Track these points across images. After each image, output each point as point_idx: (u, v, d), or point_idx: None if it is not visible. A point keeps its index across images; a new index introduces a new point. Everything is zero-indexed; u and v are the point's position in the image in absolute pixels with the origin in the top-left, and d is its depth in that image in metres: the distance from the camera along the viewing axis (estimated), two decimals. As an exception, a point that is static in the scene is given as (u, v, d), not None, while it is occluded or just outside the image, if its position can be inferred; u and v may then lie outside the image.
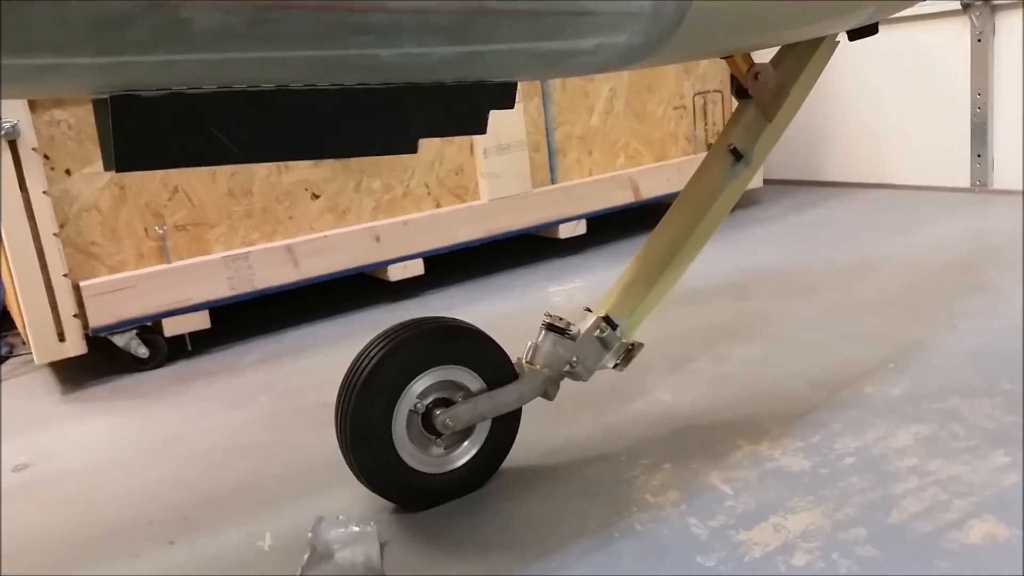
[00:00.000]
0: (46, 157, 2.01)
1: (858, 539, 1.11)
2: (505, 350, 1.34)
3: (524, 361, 1.35)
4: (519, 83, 1.04)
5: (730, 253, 2.70)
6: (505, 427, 1.36)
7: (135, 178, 2.12)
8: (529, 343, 1.36)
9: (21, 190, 1.96)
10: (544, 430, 1.54)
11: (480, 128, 1.00)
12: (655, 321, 1.99)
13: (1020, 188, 3.10)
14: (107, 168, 0.87)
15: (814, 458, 1.34)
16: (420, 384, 1.27)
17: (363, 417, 1.24)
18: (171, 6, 0.65)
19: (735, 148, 1.40)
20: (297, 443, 1.63)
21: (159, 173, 2.15)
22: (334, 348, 2.20)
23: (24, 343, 2.43)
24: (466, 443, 1.34)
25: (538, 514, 1.27)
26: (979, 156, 3.20)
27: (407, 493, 1.30)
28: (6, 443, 1.79)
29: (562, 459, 1.44)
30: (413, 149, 0.96)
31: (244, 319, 2.51)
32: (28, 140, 1.95)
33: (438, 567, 1.16)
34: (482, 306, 2.43)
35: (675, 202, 1.45)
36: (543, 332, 1.35)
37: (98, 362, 2.21)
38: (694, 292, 2.29)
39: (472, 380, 1.31)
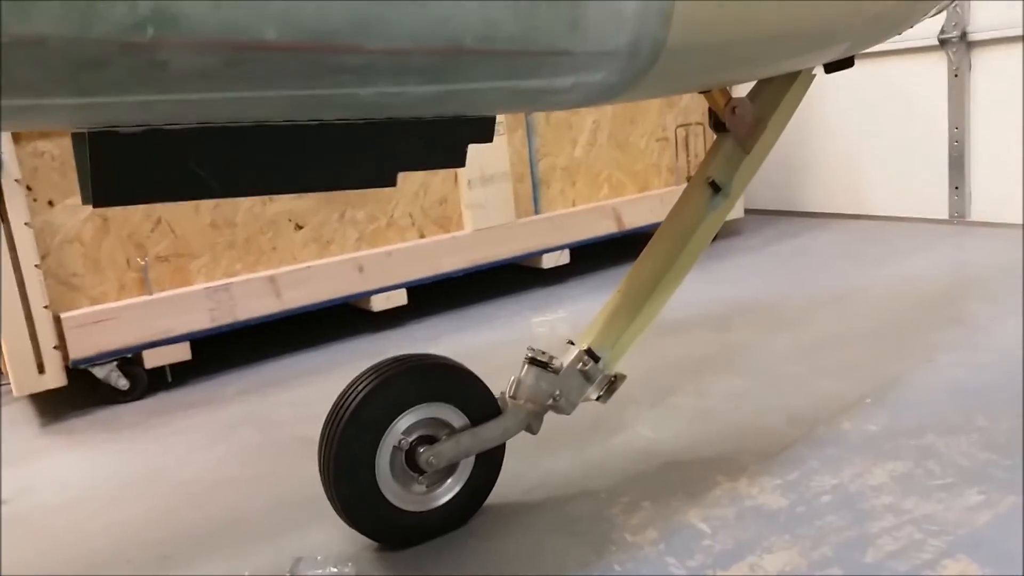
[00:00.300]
0: (29, 188, 2.01)
1: (834, 579, 1.12)
2: (488, 386, 1.35)
3: (507, 396, 1.36)
4: (499, 116, 1.06)
5: (712, 283, 2.72)
6: (489, 463, 1.37)
7: (118, 209, 2.12)
8: (512, 378, 1.37)
9: (3, 221, 1.96)
10: (525, 465, 1.54)
11: (459, 162, 1.01)
12: (637, 353, 2.00)
13: (997, 220, 3.14)
14: (85, 202, 0.87)
15: (792, 496, 1.35)
16: (404, 421, 1.28)
17: (347, 453, 1.23)
18: (147, 48, 0.65)
19: (714, 181, 1.42)
20: (277, 478, 1.62)
21: (142, 205, 2.15)
22: (316, 379, 2.20)
23: (3, 374, 2.42)
24: (449, 480, 1.34)
25: (517, 553, 1.27)
26: (957, 188, 3.25)
27: (389, 531, 1.30)
28: (-17, 477, 1.78)
29: (543, 495, 1.45)
30: (393, 182, 0.97)
31: (225, 350, 2.50)
32: (11, 171, 1.95)
33: (417, 608, 1.16)
34: (466, 336, 2.44)
35: (656, 234, 1.47)
36: (526, 366, 1.36)
37: (78, 394, 2.20)
38: (676, 323, 2.30)
39: (456, 417, 1.32)
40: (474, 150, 2.45)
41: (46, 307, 2.02)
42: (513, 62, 0.85)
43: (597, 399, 1.41)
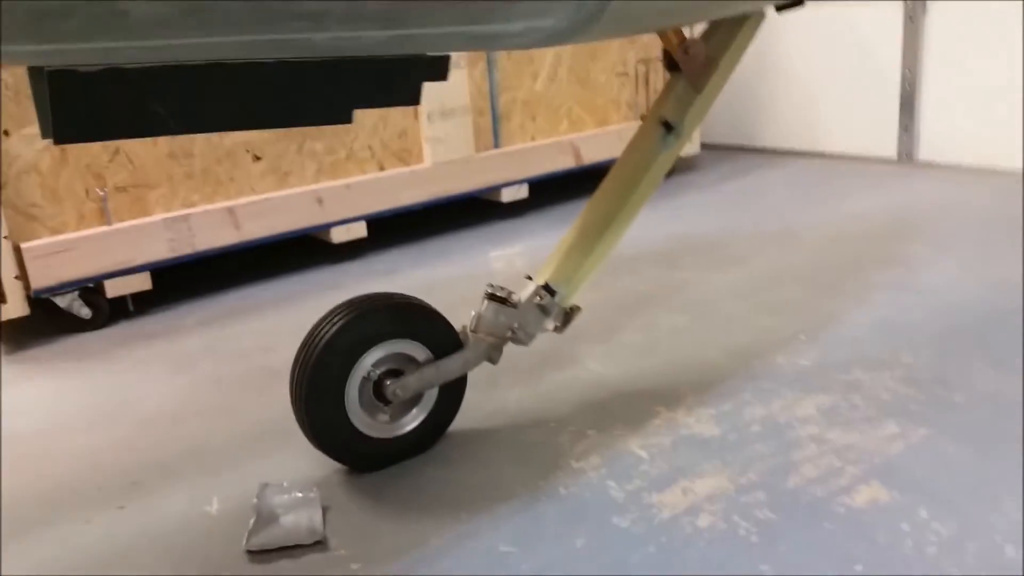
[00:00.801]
0: (-17, 118, 1.99)
1: (757, 502, 1.23)
2: (450, 321, 1.42)
3: (468, 330, 1.43)
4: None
5: (664, 220, 2.80)
6: (451, 394, 1.45)
7: (75, 140, 2.11)
8: (473, 312, 1.43)
9: (-42, 151, 1.95)
10: (482, 396, 1.62)
11: (414, 99, 1.03)
12: (589, 290, 2.08)
13: (943, 160, 3.25)
14: (44, 136, 0.90)
15: (724, 425, 1.46)
16: (373, 355, 1.35)
17: (318, 382, 1.31)
18: None
19: (666, 120, 1.47)
20: (239, 409, 1.69)
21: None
22: (275, 310, 2.25)
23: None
24: (415, 410, 1.42)
25: (472, 480, 1.36)
26: (906, 129, 3.34)
27: (356, 455, 1.39)
28: (-51, 404, 1.82)
29: (497, 424, 1.53)
30: (348, 119, 1.00)
31: (186, 279, 2.53)
32: (-36, 101, 1.94)
33: (377, 530, 1.25)
34: (425, 270, 2.50)
35: (610, 173, 1.52)
36: (486, 302, 1.43)
37: (40, 323, 2.23)
38: (627, 260, 2.38)
39: (421, 351, 1.39)
40: (435, 84, 2.49)
41: (6, 237, 2.03)
42: (466, 9, 0.88)
43: (554, 330, 1.49)
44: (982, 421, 1.40)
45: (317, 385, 1.31)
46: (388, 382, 1.36)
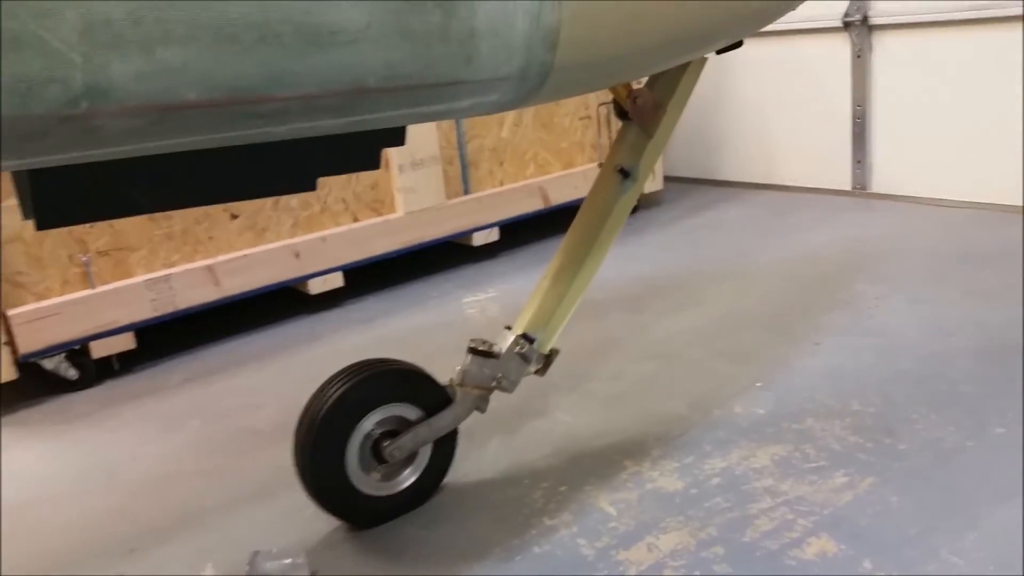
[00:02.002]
0: (-32, 191, 2.06)
1: (716, 557, 1.33)
2: (436, 378, 1.52)
3: (456, 384, 1.53)
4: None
5: (629, 260, 2.91)
6: (444, 449, 1.56)
7: (58, 207, 2.18)
8: (458, 367, 1.53)
9: (-55, 225, 2.02)
10: (459, 451, 1.70)
11: (374, 164, 1.12)
12: (560, 337, 2.18)
13: (895, 192, 3.40)
14: (26, 217, 0.99)
15: (687, 478, 1.56)
16: (370, 420, 1.46)
17: (320, 446, 1.42)
18: (82, 118, 0.74)
19: (622, 168, 1.56)
20: (228, 471, 1.76)
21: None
22: (256, 366, 2.32)
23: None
24: (410, 468, 1.54)
25: (451, 540, 1.45)
26: (859, 162, 3.48)
27: (357, 514, 1.50)
28: (-58, 474, 1.88)
29: (475, 480, 1.62)
30: (313, 187, 1.08)
31: (169, 336, 2.60)
32: (-50, 176, 2.00)
33: (362, 594, 1.34)
34: (400, 318, 2.58)
35: (575, 221, 1.61)
36: (469, 356, 1.53)
37: (28, 385, 2.29)
38: (595, 305, 2.49)
39: (413, 412, 1.50)
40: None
41: (-8, 306, 2.09)
42: (413, 94, 0.95)
43: (536, 372, 1.59)
44: (923, 469, 1.52)
45: (319, 449, 1.42)
46: (385, 443, 1.47)
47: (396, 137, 1.12)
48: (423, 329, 2.47)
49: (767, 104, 3.75)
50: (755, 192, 3.76)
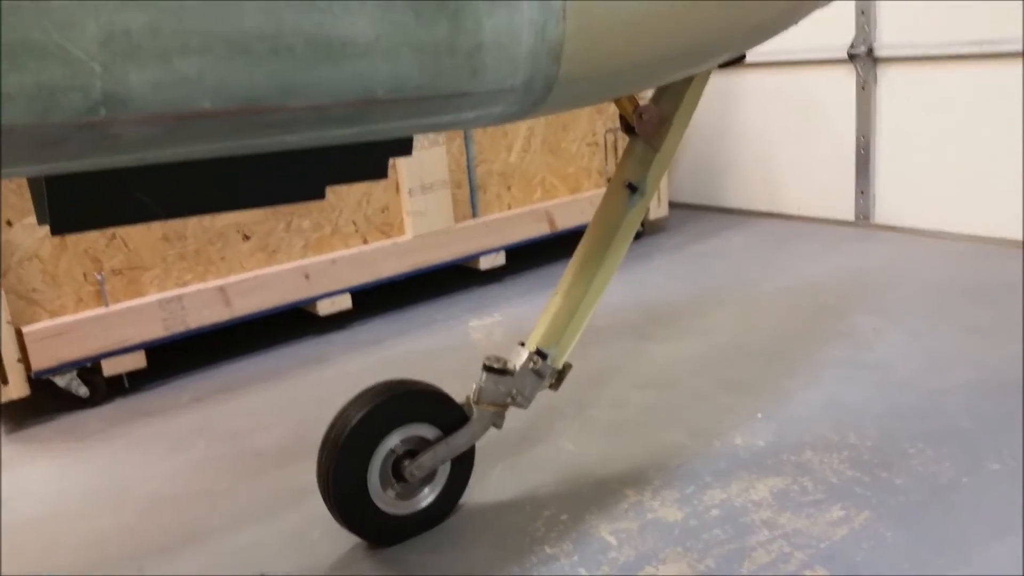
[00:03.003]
0: (-12, 210, 2.11)
1: (714, 589, 1.36)
2: (453, 398, 1.57)
3: (472, 402, 1.57)
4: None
5: (634, 286, 2.94)
6: (462, 467, 1.61)
7: (74, 227, 2.23)
8: (474, 385, 1.57)
9: (-36, 243, 2.06)
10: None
11: (382, 174, 1.15)
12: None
13: (897, 223, 3.43)
14: (41, 222, 1.02)
15: (687, 508, 1.59)
16: (391, 440, 1.51)
17: (343, 466, 1.47)
18: (101, 126, 0.76)
19: (630, 183, 1.59)
20: (235, 493, 1.80)
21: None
22: (265, 385, 2.36)
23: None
24: (430, 486, 1.59)
25: (452, 567, 1.48)
26: (863, 193, 3.52)
27: (380, 532, 1.54)
28: (-45, 488, 1.92)
29: (476, 508, 1.65)
30: (322, 196, 1.11)
31: (179, 355, 2.64)
32: (-29, 196, 2.05)
33: (366, 618, 1.36)
34: (407, 340, 2.62)
35: (584, 237, 1.64)
36: (484, 374, 1.57)
37: (39, 401, 2.33)
38: (599, 331, 2.52)
39: (431, 431, 1.55)
40: (415, 160, 2.62)
41: (8, 322, 2.13)
42: (421, 105, 0.97)
43: (550, 387, 1.63)
44: (919, 504, 1.54)
45: (342, 469, 1.46)
46: (405, 463, 1.51)
47: (404, 147, 1.14)
48: (429, 352, 2.50)
49: (772, 133, 3.80)
50: (759, 220, 3.80)
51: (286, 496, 1.76)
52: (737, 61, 1.57)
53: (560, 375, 1.62)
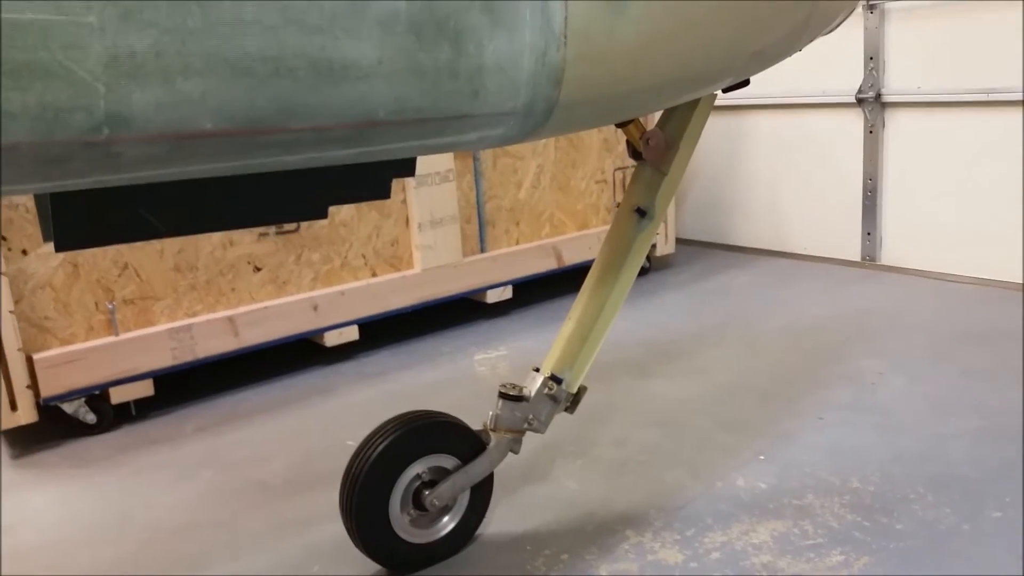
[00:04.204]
0: (3, 238, 2.15)
1: (712, 633, 1.36)
2: (470, 428, 1.59)
3: (489, 429, 1.59)
4: (450, 163, 1.13)
5: (639, 323, 2.96)
6: (481, 494, 1.64)
7: (87, 256, 2.27)
8: (491, 412, 1.59)
9: (-21, 270, 2.10)
10: (461, 516, 1.75)
11: (384, 194, 1.16)
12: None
13: (903, 265, 3.45)
14: (46, 239, 1.03)
15: (687, 551, 1.59)
16: (411, 471, 1.54)
17: (365, 496, 1.50)
18: (104, 144, 0.77)
19: (639, 208, 1.60)
20: (237, 525, 1.81)
21: (110, 251, 2.30)
22: (270, 416, 2.38)
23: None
24: (449, 515, 1.62)
25: (452, 603, 1.49)
26: (869, 234, 3.54)
27: (400, 561, 1.57)
28: (-39, 514, 1.93)
29: (478, 546, 1.66)
30: (324, 215, 1.12)
31: (185, 384, 2.66)
32: (-12, 224, 2.09)
33: (364, 655, 1.37)
34: (412, 373, 2.64)
35: (595, 264, 1.65)
36: (500, 401, 1.59)
37: (46, 426, 2.35)
38: (603, 368, 2.53)
39: (450, 461, 1.58)
40: (426, 195, 2.63)
41: (20, 349, 2.16)
42: (422, 127, 0.98)
43: (566, 410, 1.65)
44: (918, 551, 1.54)
45: (364, 499, 1.49)
46: (426, 492, 1.54)
47: (406, 167, 1.15)
48: (434, 386, 2.52)
49: (780, 173, 3.83)
50: (765, 258, 3.82)
51: (288, 528, 1.77)
52: (741, 85, 1.57)
53: (576, 398, 1.64)
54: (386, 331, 3.04)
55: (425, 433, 1.54)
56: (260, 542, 1.72)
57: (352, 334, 2.76)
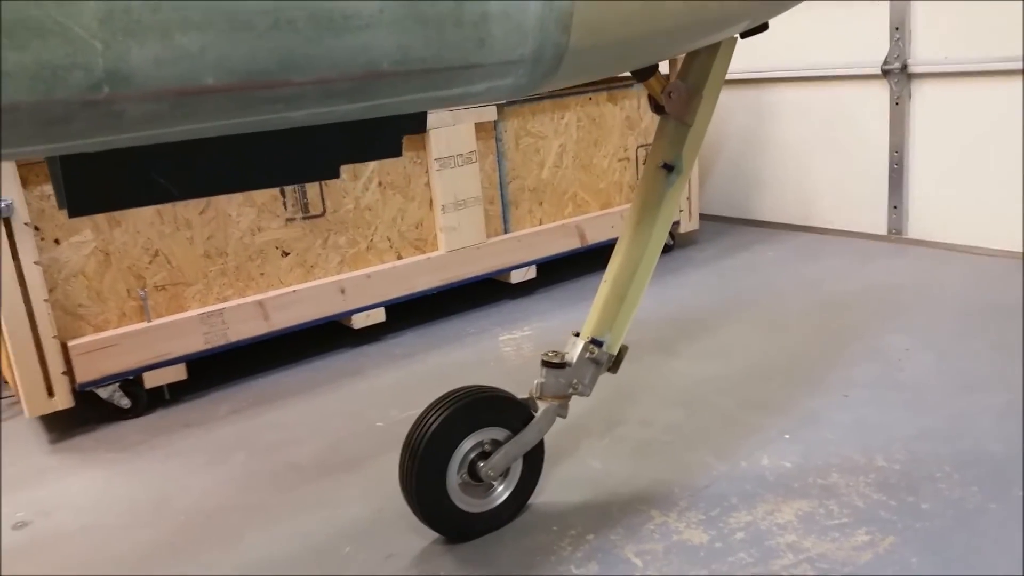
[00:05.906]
0: (36, 229, 2.19)
1: (737, 613, 1.38)
2: (518, 398, 1.64)
3: (535, 397, 1.63)
4: (472, 146, 1.11)
5: (664, 300, 2.96)
6: (533, 462, 1.71)
7: (118, 244, 2.31)
8: (535, 381, 1.64)
9: (14, 260, 2.14)
10: (489, 497, 1.78)
11: (396, 152, 1.14)
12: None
13: (930, 238, 3.41)
14: (61, 207, 1.02)
15: (712, 531, 1.61)
16: (466, 444, 1.60)
17: (424, 468, 1.56)
18: (104, 103, 0.76)
19: (666, 163, 1.59)
20: (270, 506, 1.85)
21: (141, 239, 2.34)
22: (301, 398, 2.42)
23: (9, 387, 2.61)
24: (503, 484, 1.69)
25: (480, 584, 1.52)
26: (895, 207, 3.50)
27: (458, 529, 1.64)
28: (4, 495, 1.99)
29: (505, 527, 1.69)
30: (336, 175, 1.11)
31: (217, 367, 2.71)
32: (21, 216, 2.13)
33: (396, 634, 1.40)
34: (437, 355, 2.66)
35: (625, 223, 1.65)
36: (544, 370, 1.63)
37: (82, 411, 2.40)
38: (629, 346, 2.54)
39: (502, 433, 1.63)
40: (449, 178, 2.61)
41: (55, 337, 2.21)
42: (428, 78, 0.96)
43: (609, 371, 1.69)
44: (944, 530, 1.55)
45: (423, 471, 1.55)
46: (480, 464, 1.59)
47: (416, 123, 1.13)
48: (460, 366, 2.54)
49: (805, 147, 3.79)
50: (791, 233, 3.79)
51: (320, 509, 1.81)
52: (760, 30, 1.54)
53: (617, 359, 1.67)
54: (412, 312, 3.07)
55: (478, 407, 1.59)
56: (292, 524, 1.76)
57: (379, 316, 2.79)
